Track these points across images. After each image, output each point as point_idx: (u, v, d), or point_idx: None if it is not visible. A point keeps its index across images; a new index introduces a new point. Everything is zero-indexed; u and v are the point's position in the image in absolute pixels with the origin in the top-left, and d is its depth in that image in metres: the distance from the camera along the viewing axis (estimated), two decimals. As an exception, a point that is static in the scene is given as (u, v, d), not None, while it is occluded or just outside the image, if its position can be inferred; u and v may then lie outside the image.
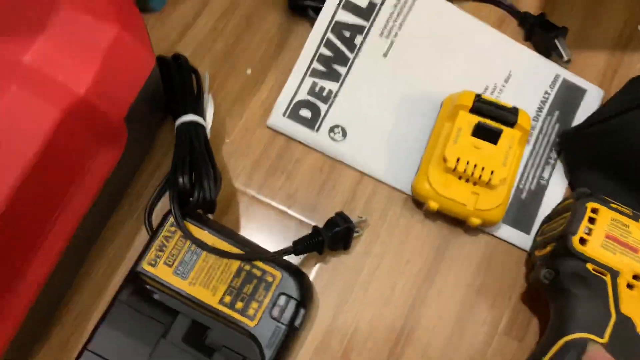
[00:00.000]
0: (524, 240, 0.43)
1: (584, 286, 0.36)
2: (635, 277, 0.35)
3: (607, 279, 0.36)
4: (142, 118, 0.39)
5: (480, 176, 0.40)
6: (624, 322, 0.35)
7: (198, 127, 0.41)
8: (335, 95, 0.45)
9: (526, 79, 0.46)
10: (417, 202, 0.44)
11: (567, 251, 0.36)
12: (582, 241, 0.36)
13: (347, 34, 0.46)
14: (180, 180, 0.37)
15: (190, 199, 0.38)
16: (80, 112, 0.32)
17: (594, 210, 0.36)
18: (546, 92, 0.46)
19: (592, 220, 0.36)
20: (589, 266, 0.36)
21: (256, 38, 0.47)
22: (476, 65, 0.46)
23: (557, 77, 0.46)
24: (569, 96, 0.46)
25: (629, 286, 0.35)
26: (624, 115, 0.39)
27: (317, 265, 0.43)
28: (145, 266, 0.37)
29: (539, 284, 0.38)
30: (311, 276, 0.42)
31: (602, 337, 0.35)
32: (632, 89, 0.43)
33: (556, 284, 0.36)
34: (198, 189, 0.37)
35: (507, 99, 0.45)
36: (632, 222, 0.36)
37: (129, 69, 0.35)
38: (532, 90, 0.46)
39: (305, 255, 0.43)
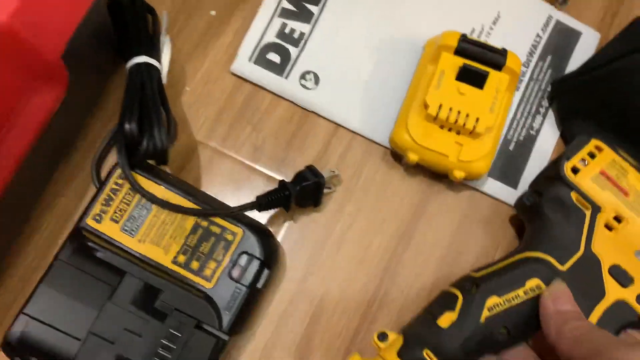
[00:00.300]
0: (511, 194, 0.39)
1: (563, 213, 0.34)
2: (616, 218, 0.33)
3: (588, 213, 0.33)
4: (87, 58, 0.35)
5: (464, 124, 0.36)
6: (591, 259, 0.33)
7: (151, 70, 0.36)
8: (307, 38, 0.41)
9: (516, 20, 0.42)
10: (396, 156, 0.40)
11: (557, 175, 0.34)
12: (575, 170, 0.34)
13: (320, -31, 0.41)
14: (127, 126, 0.33)
15: (140, 148, 0.34)
16: (4, 44, 0.28)
17: (598, 148, 0.34)
18: (538, 35, 0.42)
19: (591, 155, 0.34)
20: (573, 195, 0.34)
21: (221, -25, 0.43)
22: (462, 5, 0.42)
23: (549, 18, 0.42)
24: (562, 40, 0.42)
25: (608, 226, 0.33)
26: (627, 58, 0.35)
27: (286, 224, 0.39)
28: (89, 222, 0.33)
29: (521, 206, 0.36)
30: (279, 235, 0.39)
31: (562, 264, 0.33)
32: (636, 29, 0.39)
33: (537, 206, 0.35)
34: (147, 137, 0.34)
35: (494, 43, 0.41)
36: (633, 171, 0.33)
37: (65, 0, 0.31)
38: (522, 33, 0.42)
39: (272, 212, 0.39)
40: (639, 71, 0.35)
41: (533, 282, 0.32)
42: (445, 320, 0.32)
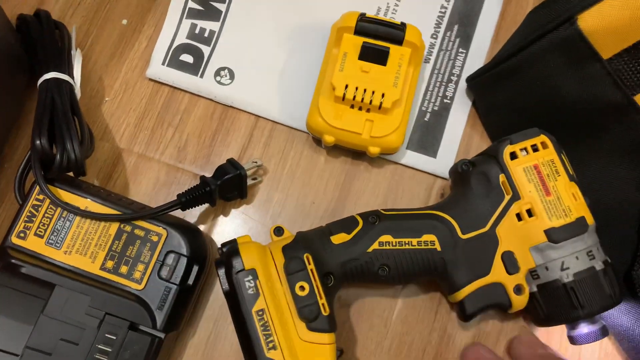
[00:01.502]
0: (431, 164, 0.40)
1: (485, 189, 0.35)
2: (529, 211, 0.34)
3: (507, 197, 0.35)
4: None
5: (370, 101, 0.37)
6: (491, 238, 0.34)
7: (62, 85, 0.37)
8: (218, 35, 0.42)
9: (420, -7, 0.43)
10: (317, 140, 0.41)
11: (495, 153, 0.35)
12: (513, 155, 0.35)
13: (222, -33, 0.42)
14: (38, 142, 0.34)
15: (55, 162, 0.34)
16: None
17: (543, 144, 0.35)
18: (442, 7, 0.43)
19: (534, 148, 0.35)
20: (501, 177, 0.35)
21: (127, -17, 0.43)
22: (365, -15, 0.43)
23: (452, -12, 0.43)
24: (467, 8, 0.43)
25: (518, 216, 0.34)
26: (524, 51, 0.36)
27: (218, 219, 0.40)
28: (14, 240, 0.34)
29: (454, 171, 0.38)
30: (213, 231, 0.40)
31: (464, 233, 0.34)
32: (530, 22, 0.40)
33: (466, 174, 0.36)
34: (60, 151, 0.34)
35: (401, 19, 0.42)
36: (565, 177, 0.34)
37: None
38: (427, 7, 0.43)
39: (202, 209, 0.40)
40: (533, 64, 0.36)
41: (429, 237, 0.34)
42: (339, 238, 0.34)
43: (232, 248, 0.32)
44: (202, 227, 0.40)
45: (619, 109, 0.34)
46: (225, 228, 0.40)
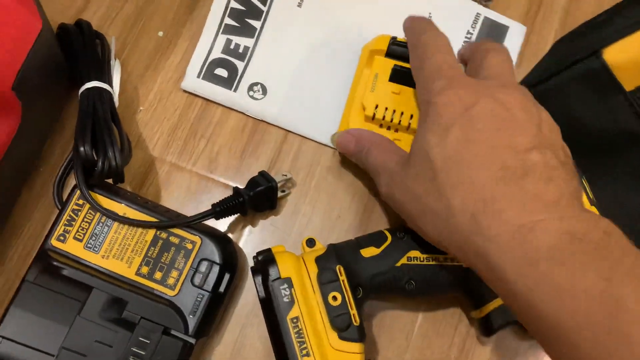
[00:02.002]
0: (453, 184, 0.42)
1: None
2: None
3: None
4: (38, 88, 0.37)
5: (400, 121, 0.38)
6: None
7: (103, 94, 0.38)
8: (252, 51, 0.43)
9: (446, 20, 0.44)
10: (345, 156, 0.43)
11: None
12: None
13: (258, -14, 0.44)
14: (82, 149, 0.35)
15: (96, 168, 0.36)
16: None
17: None
18: (468, 32, 0.44)
19: None
20: None
21: (165, -2, 0.45)
22: (394, 9, 0.44)
23: (478, 16, 0.45)
24: (491, 34, 0.45)
25: None
26: (550, 80, 0.38)
27: (246, 229, 0.41)
28: (54, 242, 0.35)
29: None
30: (240, 240, 0.41)
31: None
32: (555, 53, 0.41)
33: None
34: (102, 158, 0.35)
35: (429, 42, 0.43)
36: (585, 201, 0.36)
37: (8, 34, 0.33)
38: (454, 32, 0.44)
39: (232, 219, 0.41)
40: (558, 92, 0.37)
41: None
42: (368, 252, 0.35)
43: (268, 257, 0.34)
44: (231, 236, 0.41)
45: (638, 138, 0.36)
46: (255, 238, 0.41)
